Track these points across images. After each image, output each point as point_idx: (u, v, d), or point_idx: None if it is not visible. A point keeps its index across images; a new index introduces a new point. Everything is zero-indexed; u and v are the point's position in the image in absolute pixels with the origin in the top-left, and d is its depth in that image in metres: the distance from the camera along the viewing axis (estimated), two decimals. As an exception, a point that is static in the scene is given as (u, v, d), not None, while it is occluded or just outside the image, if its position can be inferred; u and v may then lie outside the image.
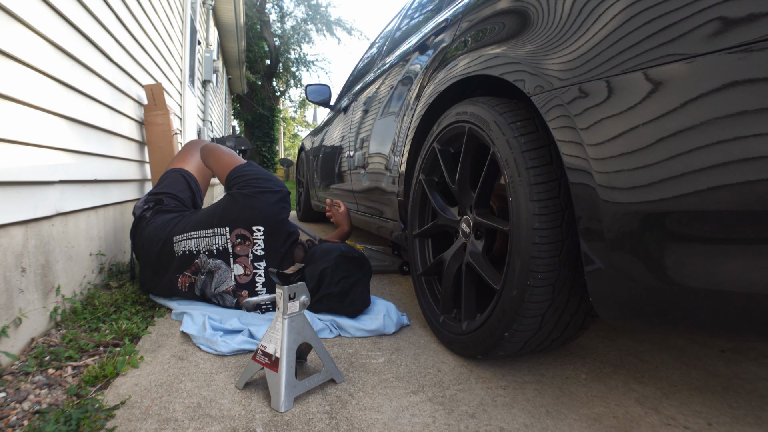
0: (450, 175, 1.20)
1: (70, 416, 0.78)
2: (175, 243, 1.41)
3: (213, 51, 6.88)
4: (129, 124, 2.18)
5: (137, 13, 2.28)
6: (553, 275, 0.83)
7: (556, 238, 0.82)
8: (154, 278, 1.48)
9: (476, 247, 1.07)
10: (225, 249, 1.37)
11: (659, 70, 0.61)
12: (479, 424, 0.82)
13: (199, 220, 1.41)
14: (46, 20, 1.27)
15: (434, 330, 1.21)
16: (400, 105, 1.62)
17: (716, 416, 0.87)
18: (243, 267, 1.37)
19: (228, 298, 1.39)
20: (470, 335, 1.02)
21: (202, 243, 1.38)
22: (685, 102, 0.58)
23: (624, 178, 0.65)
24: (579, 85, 0.72)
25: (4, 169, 1.04)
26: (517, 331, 0.88)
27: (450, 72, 1.21)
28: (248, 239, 1.36)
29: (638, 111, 0.63)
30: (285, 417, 0.83)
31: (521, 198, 0.86)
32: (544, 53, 0.82)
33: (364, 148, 2.00)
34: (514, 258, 0.87)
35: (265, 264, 1.38)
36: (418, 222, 1.39)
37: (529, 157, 0.86)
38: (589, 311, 0.90)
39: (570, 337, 0.95)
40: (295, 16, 17.49)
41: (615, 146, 0.66)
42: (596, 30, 0.71)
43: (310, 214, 4.09)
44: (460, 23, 1.30)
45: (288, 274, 0.92)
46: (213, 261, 1.37)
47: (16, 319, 1.06)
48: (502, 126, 0.94)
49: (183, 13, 4.05)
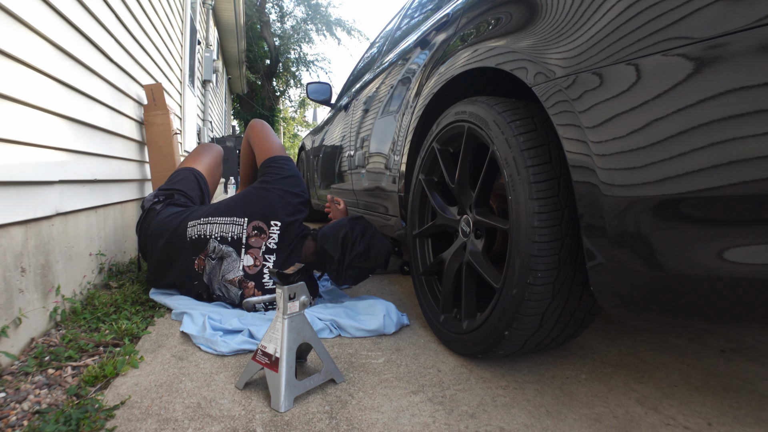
0: (449, 174, 1.20)
1: (70, 416, 0.78)
2: (189, 228, 1.44)
3: (213, 51, 6.88)
4: (129, 123, 2.17)
5: (137, 13, 2.28)
6: (553, 273, 0.83)
7: (555, 236, 0.83)
8: (158, 269, 1.49)
9: (476, 246, 1.07)
10: (239, 238, 1.39)
11: (662, 58, 0.60)
12: (479, 424, 0.82)
13: (218, 207, 1.46)
14: (47, 20, 1.27)
15: (434, 329, 1.21)
16: (400, 103, 1.63)
17: (716, 416, 0.87)
18: (253, 258, 1.38)
19: (233, 289, 1.39)
20: (471, 334, 1.02)
21: (217, 229, 1.41)
22: (691, 92, 0.57)
23: (627, 166, 0.64)
24: (581, 74, 0.72)
25: (4, 169, 1.04)
26: (517, 329, 0.88)
27: (451, 66, 1.22)
28: (264, 232, 1.39)
29: (642, 99, 0.62)
30: (285, 417, 0.83)
31: (521, 196, 0.86)
32: (546, 43, 0.82)
33: (364, 147, 2.00)
34: (514, 256, 0.87)
35: (275, 258, 1.40)
36: (418, 222, 1.39)
37: (529, 156, 0.86)
38: (588, 309, 0.90)
39: (570, 335, 0.95)
40: (295, 16, 17.48)
41: (617, 134, 0.66)
42: (598, 17, 0.71)
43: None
44: (461, 19, 1.30)
45: (288, 274, 0.92)
46: (225, 247, 1.39)
47: (15, 319, 1.06)
48: (501, 125, 0.94)
49: (183, 13, 4.05)
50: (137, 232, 1.58)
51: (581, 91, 0.71)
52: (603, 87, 0.68)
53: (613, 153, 0.66)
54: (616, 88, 0.66)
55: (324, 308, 1.40)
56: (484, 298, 1.06)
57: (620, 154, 0.65)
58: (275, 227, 1.40)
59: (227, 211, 1.42)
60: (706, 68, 0.55)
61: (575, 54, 0.74)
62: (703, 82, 0.56)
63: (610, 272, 0.70)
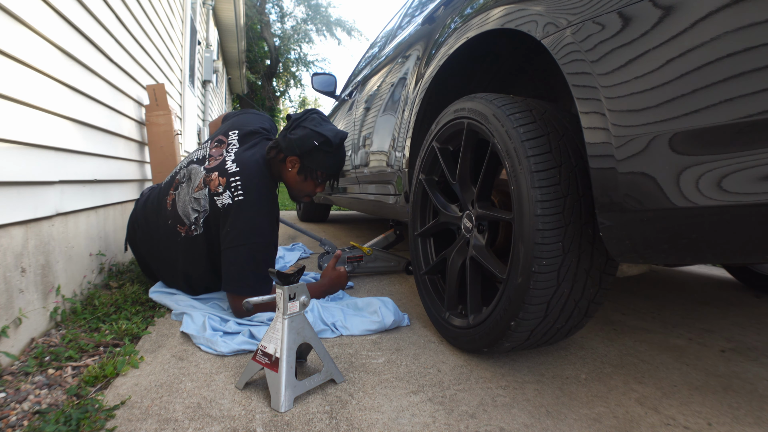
0: (450, 172, 1.20)
1: (70, 416, 0.78)
2: (165, 182, 1.55)
3: (213, 51, 6.89)
4: (129, 124, 2.18)
5: (137, 13, 2.28)
6: (557, 261, 0.84)
7: (559, 223, 0.84)
8: (148, 243, 1.52)
9: (479, 240, 1.09)
10: (203, 156, 1.47)
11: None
12: (479, 424, 0.82)
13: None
14: (47, 20, 1.27)
15: (438, 327, 1.22)
16: (399, 97, 1.67)
17: (716, 416, 0.87)
18: (215, 159, 1.44)
19: (201, 194, 1.37)
20: (477, 328, 1.02)
21: (185, 161, 1.51)
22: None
23: (637, 106, 0.65)
24: (587, 22, 0.73)
25: (4, 169, 1.04)
26: (523, 319, 0.89)
27: (459, 38, 1.24)
28: (224, 142, 1.49)
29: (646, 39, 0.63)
30: (285, 417, 0.83)
31: (523, 186, 0.87)
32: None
33: (367, 142, 2.02)
34: (518, 245, 0.88)
35: (237, 146, 1.48)
36: (420, 221, 1.40)
37: (529, 146, 0.88)
38: (592, 298, 0.91)
39: (575, 326, 0.95)
40: (295, 16, 17.50)
41: (626, 74, 0.66)
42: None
43: (310, 214, 4.09)
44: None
45: (288, 274, 0.92)
46: (190, 167, 1.46)
47: (16, 319, 1.06)
48: (500, 118, 0.95)
49: (183, 13, 4.05)
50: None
51: (586, 35, 0.74)
52: (608, 32, 0.69)
53: (623, 84, 0.67)
54: (622, 30, 0.67)
55: (325, 302, 1.40)
56: (486, 297, 1.07)
57: (632, 86, 0.66)
58: (233, 135, 1.51)
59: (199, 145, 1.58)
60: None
61: (581, 3, 0.76)
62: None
63: (620, 216, 0.70)
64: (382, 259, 1.99)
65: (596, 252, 0.87)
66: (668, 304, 1.65)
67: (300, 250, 2.47)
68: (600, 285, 0.90)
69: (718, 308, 1.62)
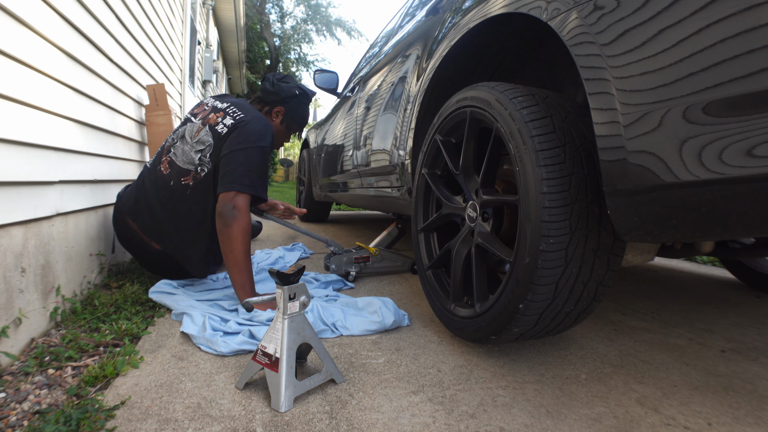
0: (453, 163, 1.21)
1: (70, 416, 0.78)
2: (154, 156, 1.61)
3: (213, 51, 6.89)
4: (129, 124, 2.18)
5: (137, 13, 2.28)
6: (564, 239, 0.83)
7: (565, 201, 0.83)
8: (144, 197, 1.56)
9: (484, 227, 1.09)
10: (190, 118, 1.58)
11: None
12: (479, 424, 0.82)
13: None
14: (47, 21, 1.27)
15: (443, 319, 1.22)
16: (401, 93, 1.68)
17: (716, 416, 0.87)
18: (204, 111, 1.55)
19: (203, 135, 1.47)
20: (484, 315, 1.01)
21: (169, 136, 1.60)
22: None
23: (643, 78, 0.65)
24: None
25: (4, 169, 1.04)
26: (532, 301, 0.88)
27: (460, 30, 1.26)
28: (204, 103, 1.61)
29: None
30: (285, 417, 0.83)
31: (528, 166, 0.87)
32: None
33: (368, 141, 2.03)
34: (525, 225, 0.87)
35: (221, 101, 1.58)
36: (423, 216, 1.40)
37: (533, 127, 0.88)
38: (600, 280, 0.90)
39: (583, 310, 0.94)
40: (295, 17, 17.51)
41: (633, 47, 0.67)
42: None
43: (311, 214, 4.09)
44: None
45: (288, 274, 0.92)
46: (180, 129, 1.54)
47: (16, 319, 1.06)
48: (503, 102, 0.96)
49: (183, 13, 4.06)
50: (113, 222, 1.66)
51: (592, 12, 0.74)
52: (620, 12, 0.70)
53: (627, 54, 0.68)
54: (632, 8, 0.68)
55: (325, 302, 1.40)
56: (491, 289, 1.06)
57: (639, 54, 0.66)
58: (211, 99, 1.62)
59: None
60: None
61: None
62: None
63: (628, 194, 0.70)
64: (388, 259, 1.99)
65: (603, 232, 0.86)
66: (668, 304, 1.65)
67: (300, 250, 2.47)
68: (608, 266, 0.89)
69: (718, 308, 1.62)
